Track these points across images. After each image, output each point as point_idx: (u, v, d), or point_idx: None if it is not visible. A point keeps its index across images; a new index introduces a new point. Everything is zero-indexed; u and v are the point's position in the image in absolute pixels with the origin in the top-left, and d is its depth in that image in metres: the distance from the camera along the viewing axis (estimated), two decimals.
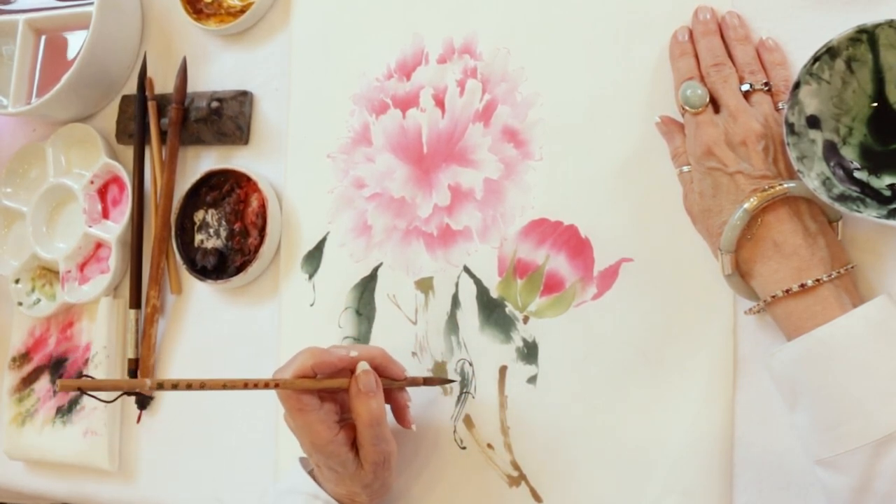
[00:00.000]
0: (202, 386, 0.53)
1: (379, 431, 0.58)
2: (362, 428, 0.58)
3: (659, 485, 0.58)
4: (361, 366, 0.59)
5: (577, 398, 0.61)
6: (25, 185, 0.87)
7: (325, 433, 0.58)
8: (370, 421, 0.58)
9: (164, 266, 0.79)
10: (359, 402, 0.58)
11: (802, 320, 0.49)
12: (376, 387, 0.58)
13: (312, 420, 0.57)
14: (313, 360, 0.58)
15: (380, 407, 0.58)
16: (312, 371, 0.58)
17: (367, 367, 0.59)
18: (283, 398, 0.58)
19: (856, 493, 0.47)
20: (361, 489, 0.60)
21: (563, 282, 0.63)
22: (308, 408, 0.57)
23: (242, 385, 0.55)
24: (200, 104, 0.78)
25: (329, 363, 0.58)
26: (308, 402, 0.57)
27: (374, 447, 0.58)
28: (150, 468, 0.79)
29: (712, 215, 0.54)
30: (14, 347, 0.87)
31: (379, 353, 0.61)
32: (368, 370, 0.59)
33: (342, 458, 0.58)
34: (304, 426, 0.58)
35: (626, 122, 0.62)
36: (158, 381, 0.52)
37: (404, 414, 0.63)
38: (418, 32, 0.71)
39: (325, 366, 0.58)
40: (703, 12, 0.59)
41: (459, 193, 0.67)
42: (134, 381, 0.52)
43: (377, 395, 0.58)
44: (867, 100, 0.52)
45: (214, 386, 0.54)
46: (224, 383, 0.54)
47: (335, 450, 0.58)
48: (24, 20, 0.83)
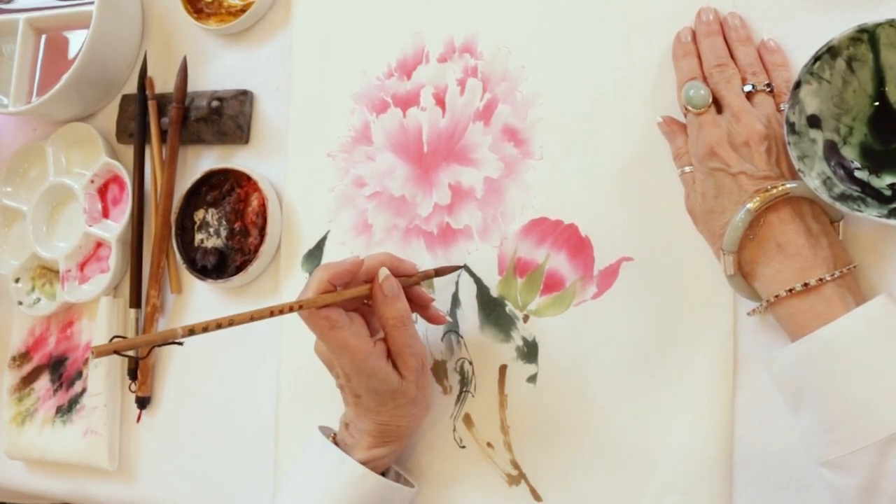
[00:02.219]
0: (231, 323, 0.53)
1: (410, 331, 0.59)
2: (393, 331, 0.58)
3: (659, 484, 0.58)
4: (382, 272, 0.58)
5: (576, 397, 0.61)
6: (26, 185, 0.87)
7: (363, 346, 0.57)
8: (400, 321, 0.58)
9: (165, 265, 0.79)
10: (386, 307, 0.58)
11: (807, 319, 0.49)
12: (398, 289, 0.59)
13: (347, 335, 0.57)
14: (328, 273, 0.57)
15: (406, 307, 0.59)
16: (330, 284, 0.57)
17: (387, 272, 0.59)
18: (312, 322, 0.57)
19: (865, 493, 0.47)
20: (405, 407, 0.60)
21: (564, 281, 0.63)
22: (339, 324, 0.57)
23: (269, 313, 0.54)
24: (201, 103, 0.78)
25: (344, 272, 0.58)
26: (338, 318, 0.57)
27: (409, 349, 0.59)
28: (150, 468, 0.79)
29: (715, 216, 0.54)
30: (14, 346, 0.87)
31: (386, 256, 0.61)
32: (389, 275, 0.59)
33: (384, 372, 0.58)
34: (340, 345, 0.57)
35: (626, 121, 0.62)
36: (189, 326, 0.51)
37: (429, 308, 0.63)
38: (419, 31, 0.71)
39: (341, 275, 0.57)
40: (706, 13, 0.59)
41: (460, 192, 0.67)
42: (166, 332, 0.51)
43: (401, 296, 0.59)
44: (868, 99, 0.52)
45: (242, 320, 0.53)
46: (251, 315, 0.54)
47: (375, 363, 0.58)
48: (25, 19, 0.83)
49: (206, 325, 0.52)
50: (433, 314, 0.64)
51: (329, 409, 0.68)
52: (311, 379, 0.71)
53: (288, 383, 0.73)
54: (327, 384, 0.71)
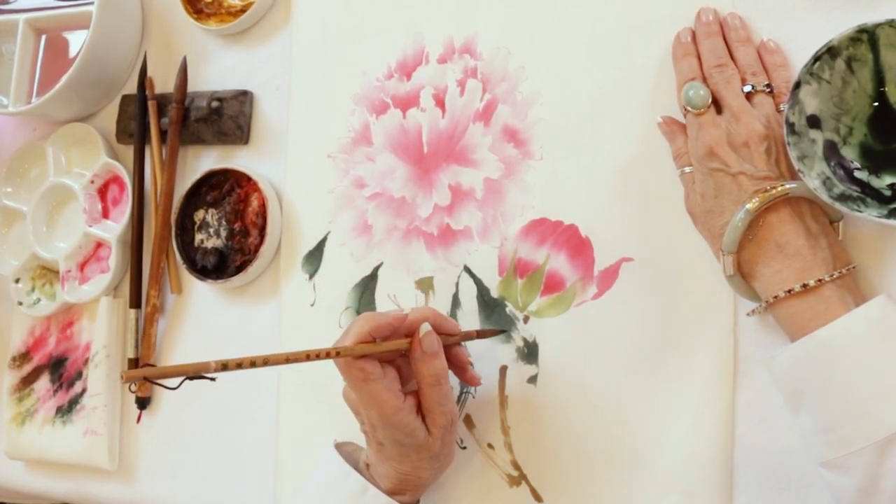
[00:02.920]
0: (265, 362, 0.51)
1: (445, 391, 0.57)
2: (428, 390, 0.57)
3: (659, 485, 0.58)
4: (424, 327, 0.57)
5: (577, 398, 0.61)
6: (26, 185, 0.87)
7: (393, 401, 0.56)
8: (436, 380, 0.57)
9: (165, 266, 0.79)
10: (424, 363, 0.57)
11: (806, 320, 0.49)
12: (438, 346, 0.57)
13: (379, 389, 0.56)
14: (370, 325, 0.56)
15: (443, 366, 0.58)
16: (371, 336, 0.56)
17: (429, 328, 0.57)
18: (346, 371, 0.56)
19: (863, 494, 0.47)
20: (428, 461, 0.59)
21: (564, 281, 0.63)
22: (372, 377, 0.55)
23: (304, 357, 0.53)
24: (201, 104, 0.78)
25: (386, 325, 0.57)
26: (372, 371, 0.55)
27: (440, 408, 0.57)
28: (150, 468, 0.79)
29: (714, 216, 0.54)
30: (14, 347, 0.87)
31: (431, 311, 0.59)
32: (431, 331, 0.57)
33: (411, 427, 0.57)
34: (370, 397, 0.56)
35: (626, 121, 0.62)
36: (223, 361, 0.50)
37: (467, 370, 0.62)
38: (419, 32, 0.71)
39: (383, 328, 0.56)
40: (706, 13, 0.59)
41: (460, 193, 0.67)
42: (198, 365, 0.50)
43: (440, 355, 0.57)
44: (867, 99, 0.52)
45: (277, 361, 0.52)
46: (287, 357, 0.53)
47: (403, 418, 0.56)
48: (25, 20, 0.82)
49: (240, 362, 0.51)
50: (470, 376, 0.62)
51: (329, 410, 0.68)
52: (311, 379, 0.71)
53: (288, 383, 0.73)
54: (327, 384, 0.71)
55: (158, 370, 0.49)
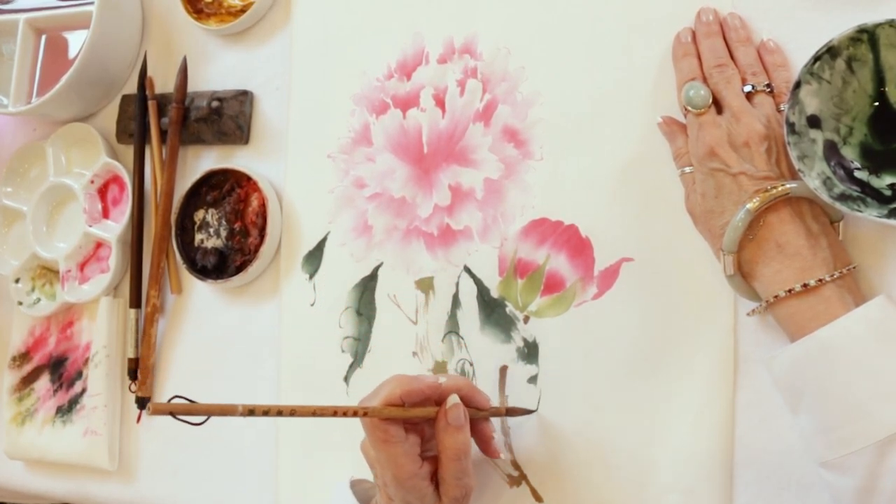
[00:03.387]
0: (293, 413, 0.51)
1: (464, 465, 0.56)
2: (448, 462, 0.56)
3: (659, 485, 0.58)
4: (452, 398, 0.56)
5: (577, 398, 0.61)
6: (26, 185, 0.87)
7: (410, 466, 0.55)
8: (457, 454, 0.56)
9: (165, 266, 0.79)
10: (447, 435, 0.56)
11: (806, 320, 0.49)
12: (465, 419, 0.56)
13: (398, 452, 0.55)
14: (402, 389, 0.55)
15: (467, 440, 0.56)
16: (401, 400, 0.55)
17: (457, 400, 0.56)
18: (370, 429, 0.55)
19: (862, 494, 0.47)
20: None
21: (564, 281, 0.63)
22: (394, 439, 0.55)
23: (332, 413, 0.53)
24: (201, 104, 0.78)
25: (418, 391, 0.56)
26: (394, 434, 0.55)
27: (457, 482, 0.56)
28: (150, 468, 0.79)
29: (714, 216, 0.54)
30: (14, 347, 0.87)
31: (465, 382, 0.59)
32: (458, 403, 0.56)
33: (422, 493, 0.56)
34: (388, 458, 0.56)
35: (627, 121, 0.62)
36: (250, 406, 0.50)
37: (490, 444, 0.61)
38: (419, 32, 0.71)
39: (414, 394, 0.55)
40: (706, 13, 0.59)
41: (460, 193, 0.67)
42: (226, 406, 0.50)
43: (465, 429, 0.56)
44: (868, 99, 0.52)
45: (304, 413, 0.52)
46: (314, 410, 0.52)
47: (416, 484, 0.56)
48: (25, 20, 0.83)
49: (266, 410, 0.50)
50: (492, 449, 0.62)
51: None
52: (311, 379, 0.71)
53: (288, 383, 0.73)
54: (328, 384, 0.71)
55: (185, 407, 0.49)
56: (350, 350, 0.70)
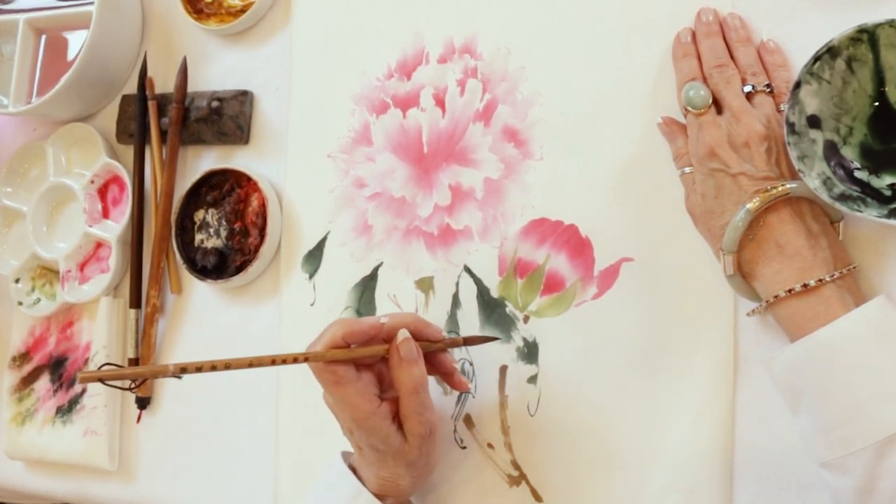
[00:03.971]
0: (227, 366, 0.51)
1: (423, 399, 0.57)
2: (405, 397, 0.56)
3: (659, 485, 0.58)
4: (402, 333, 0.57)
5: (577, 398, 0.61)
6: (26, 185, 0.87)
7: (366, 406, 0.56)
8: (413, 388, 0.56)
9: (165, 266, 0.79)
10: (400, 370, 0.56)
11: (806, 320, 0.49)
12: (417, 354, 0.57)
13: (351, 393, 0.55)
14: (344, 330, 0.56)
15: (422, 374, 0.57)
16: (344, 341, 0.56)
17: (407, 335, 0.57)
18: (318, 373, 0.56)
19: (861, 495, 0.47)
20: (406, 469, 0.58)
21: (564, 281, 0.63)
22: (345, 380, 0.55)
23: (270, 361, 0.53)
24: (201, 104, 0.78)
25: (361, 332, 0.56)
26: (344, 374, 0.55)
27: (418, 416, 0.57)
28: (150, 468, 0.79)
29: (714, 216, 0.54)
30: (14, 347, 0.87)
31: (412, 318, 0.59)
32: (408, 337, 0.57)
33: (385, 433, 0.56)
34: (342, 400, 0.56)
35: (626, 121, 0.62)
36: (181, 364, 0.50)
37: (454, 377, 0.61)
38: (419, 32, 0.71)
39: (357, 335, 0.56)
40: (706, 14, 0.59)
41: (460, 193, 0.67)
42: (157, 368, 0.49)
43: (419, 362, 0.57)
44: (867, 99, 0.52)
45: (240, 365, 0.52)
46: (250, 361, 0.52)
47: (377, 423, 0.56)
48: (25, 20, 0.83)
49: (199, 366, 0.50)
50: (457, 381, 0.62)
51: (329, 410, 0.68)
52: (311, 379, 0.71)
53: (288, 383, 0.73)
54: None
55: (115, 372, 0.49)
56: None
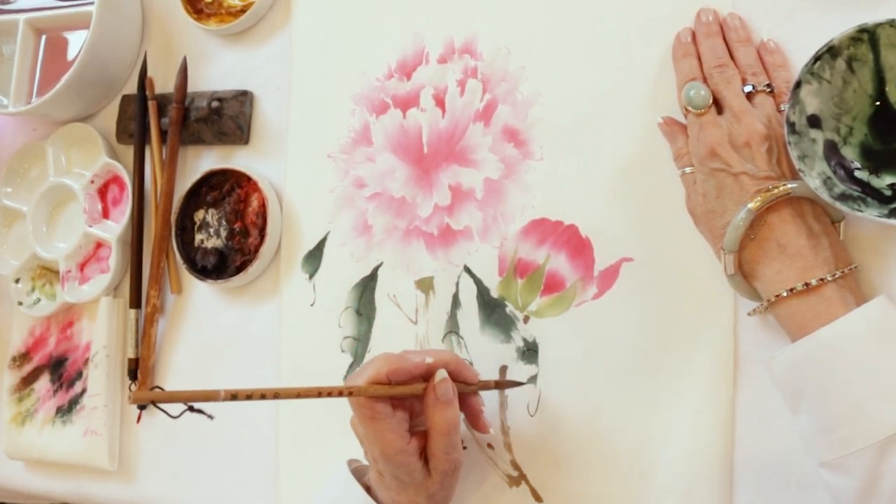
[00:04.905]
0: (276, 396, 0.51)
1: (453, 440, 0.57)
2: (437, 437, 0.56)
3: (658, 485, 0.58)
4: (440, 374, 0.57)
5: (577, 398, 0.61)
6: (26, 185, 0.87)
7: (397, 442, 0.56)
8: (446, 430, 0.56)
9: (165, 266, 0.79)
10: (435, 410, 0.56)
11: (807, 320, 0.49)
12: (453, 395, 0.57)
13: (384, 429, 0.56)
14: (388, 367, 0.55)
15: (455, 415, 0.57)
16: (387, 378, 0.55)
17: (445, 375, 0.57)
18: (356, 406, 0.56)
19: (862, 495, 0.47)
20: (425, 499, 0.58)
21: (564, 281, 0.63)
22: (381, 416, 0.55)
23: (316, 394, 0.53)
24: (201, 104, 0.78)
25: (404, 370, 0.56)
26: (381, 411, 0.55)
27: (446, 456, 0.57)
28: (150, 468, 0.79)
29: (716, 216, 0.54)
30: (14, 347, 0.87)
31: (452, 357, 0.59)
32: (446, 378, 0.56)
33: (411, 468, 0.56)
34: (375, 435, 0.56)
35: (627, 121, 0.62)
36: (232, 391, 0.50)
37: (479, 419, 0.61)
38: (419, 32, 0.71)
39: (401, 373, 0.56)
40: (706, 14, 0.59)
41: (460, 193, 0.67)
42: (208, 392, 0.49)
43: (453, 404, 0.56)
44: (868, 99, 0.52)
45: (289, 395, 0.52)
46: (298, 392, 0.52)
47: (405, 459, 0.56)
48: (25, 20, 0.83)
49: (249, 394, 0.50)
50: (481, 424, 0.62)
51: (329, 410, 0.68)
52: (311, 379, 0.71)
53: (288, 383, 0.73)
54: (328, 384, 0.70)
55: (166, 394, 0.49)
56: (350, 350, 0.70)
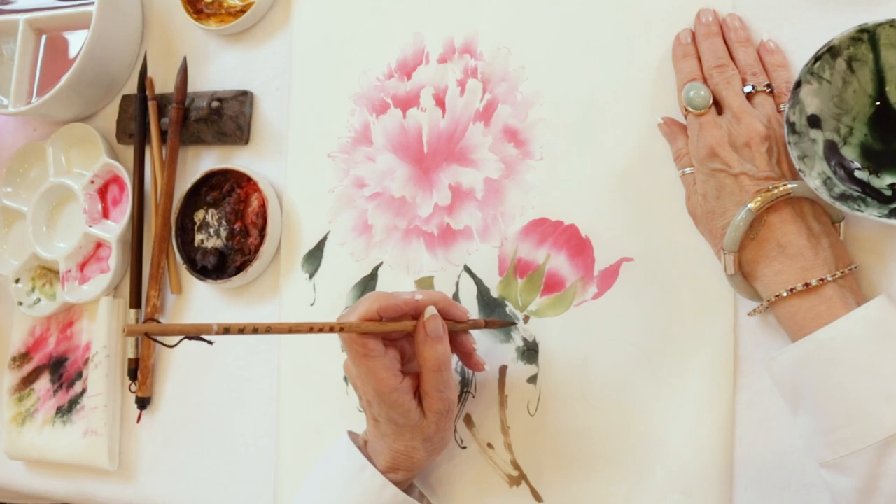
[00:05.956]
0: (268, 330, 0.51)
1: (445, 377, 0.57)
2: (428, 374, 0.57)
3: (659, 485, 0.58)
4: (429, 310, 0.57)
5: (577, 397, 0.61)
6: (26, 185, 0.87)
7: (391, 380, 0.56)
8: (437, 366, 0.57)
9: (165, 266, 0.79)
10: (426, 346, 0.57)
11: (807, 320, 0.49)
12: (443, 331, 0.57)
13: (377, 366, 0.56)
14: (379, 304, 0.56)
15: (446, 352, 0.57)
16: (378, 315, 0.56)
17: (434, 312, 0.57)
18: (348, 343, 0.56)
19: (861, 495, 0.47)
20: (421, 442, 0.59)
21: (564, 281, 0.63)
22: (373, 353, 0.56)
23: (308, 329, 0.53)
24: (201, 104, 0.78)
25: (395, 307, 0.57)
26: (373, 348, 0.56)
27: (438, 394, 0.57)
28: (150, 468, 0.79)
29: (716, 217, 0.54)
30: (14, 347, 0.87)
31: (441, 296, 0.60)
32: (436, 314, 0.57)
33: (406, 407, 0.57)
34: (368, 373, 0.56)
35: (626, 122, 0.62)
36: (225, 325, 0.50)
37: (472, 357, 0.62)
38: (419, 32, 0.71)
39: (391, 309, 0.57)
40: (706, 14, 0.59)
41: (460, 193, 0.67)
42: (201, 326, 0.50)
43: (444, 340, 0.57)
44: (868, 99, 0.52)
45: (280, 330, 0.52)
46: (290, 327, 0.53)
47: (399, 398, 0.57)
48: (25, 20, 0.83)
49: (242, 327, 0.50)
50: (475, 361, 0.62)
51: (329, 409, 0.68)
52: (311, 379, 0.71)
53: (288, 383, 0.73)
54: (327, 384, 0.71)
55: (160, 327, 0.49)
56: None
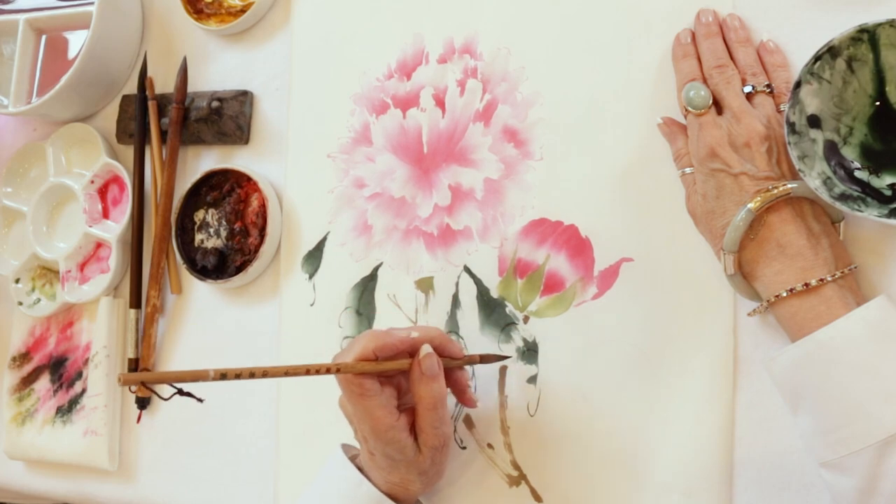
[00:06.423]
0: (265, 374, 0.52)
1: (441, 414, 0.58)
2: (424, 411, 0.57)
3: (659, 485, 0.58)
4: (425, 349, 0.57)
5: (577, 398, 0.61)
6: (26, 185, 0.87)
7: (387, 418, 0.56)
8: (433, 403, 0.57)
9: (165, 266, 0.79)
10: (421, 385, 0.57)
11: (807, 320, 0.49)
12: (439, 369, 0.57)
13: (374, 405, 0.56)
14: (375, 344, 0.56)
15: (441, 389, 0.58)
16: (374, 354, 0.56)
17: (430, 350, 0.57)
18: (344, 384, 0.56)
19: (861, 495, 0.47)
20: (417, 476, 0.59)
21: (564, 281, 0.63)
22: (369, 392, 0.56)
23: (304, 371, 0.53)
24: (201, 104, 0.78)
25: (390, 346, 0.57)
26: (369, 387, 0.56)
27: (434, 430, 0.58)
28: (150, 468, 0.79)
29: (716, 217, 0.54)
30: (14, 347, 0.87)
31: (437, 333, 0.60)
32: (432, 353, 0.57)
33: (401, 444, 0.57)
34: (364, 412, 0.57)
35: (626, 122, 0.62)
36: (221, 371, 0.50)
37: (466, 393, 0.62)
38: (419, 32, 0.71)
39: (387, 349, 0.57)
40: (705, 14, 0.59)
41: (460, 193, 0.67)
42: (197, 372, 0.50)
43: (439, 378, 0.57)
44: (868, 99, 0.52)
45: (276, 374, 0.52)
46: (286, 370, 0.53)
47: (395, 435, 0.57)
48: (25, 20, 0.83)
49: (238, 373, 0.51)
50: (468, 398, 0.62)
51: (329, 410, 0.68)
52: (311, 379, 0.71)
53: (288, 383, 0.73)
54: (327, 384, 0.71)
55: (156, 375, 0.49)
56: None
